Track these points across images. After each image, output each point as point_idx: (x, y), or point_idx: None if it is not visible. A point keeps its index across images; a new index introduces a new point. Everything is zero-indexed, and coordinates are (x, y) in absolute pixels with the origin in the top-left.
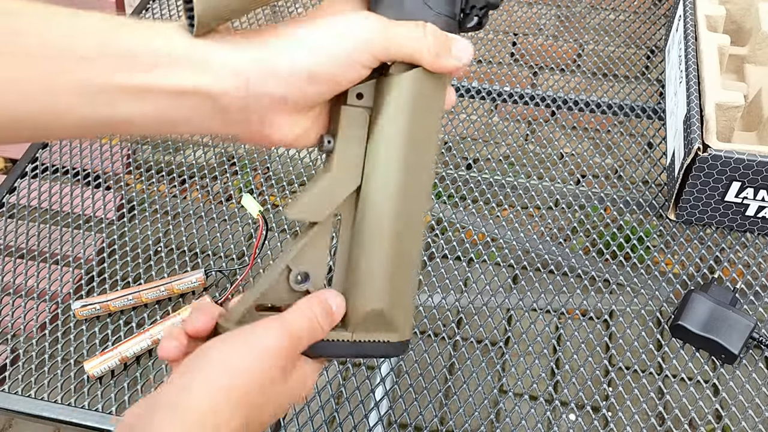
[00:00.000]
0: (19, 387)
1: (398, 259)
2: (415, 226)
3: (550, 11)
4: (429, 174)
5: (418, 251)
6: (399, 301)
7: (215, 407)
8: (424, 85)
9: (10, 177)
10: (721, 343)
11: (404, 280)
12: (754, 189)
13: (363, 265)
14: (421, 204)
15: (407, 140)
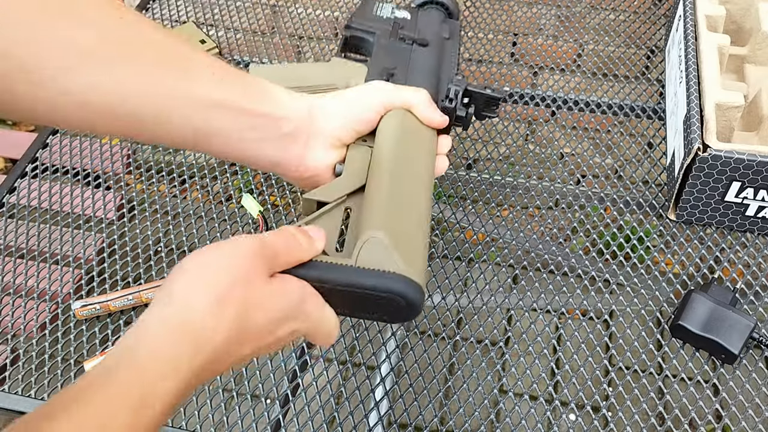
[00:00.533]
0: (19, 387)
1: (395, 202)
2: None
3: (550, 11)
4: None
5: (420, 211)
6: (401, 236)
7: (192, 313)
8: (411, 119)
9: (10, 177)
10: (721, 343)
11: (406, 225)
12: (754, 189)
13: (365, 211)
14: (415, 186)
15: (394, 147)
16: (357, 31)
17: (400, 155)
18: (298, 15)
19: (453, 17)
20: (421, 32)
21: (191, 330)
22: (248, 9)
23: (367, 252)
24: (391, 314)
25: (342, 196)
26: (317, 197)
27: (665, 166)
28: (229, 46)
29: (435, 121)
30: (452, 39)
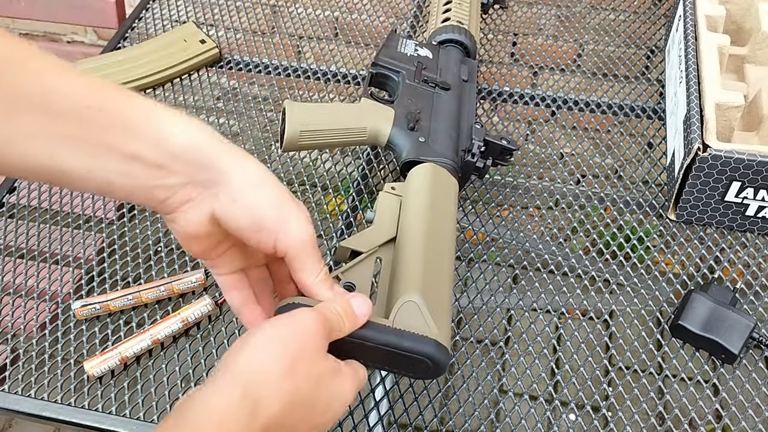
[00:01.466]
0: (19, 387)
1: (428, 266)
2: (441, 252)
3: (550, 11)
4: (449, 237)
5: (447, 273)
6: (432, 302)
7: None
8: (440, 172)
9: (9, 177)
10: (721, 343)
11: (437, 288)
12: (754, 189)
13: (400, 271)
14: (443, 247)
15: (428, 206)
16: (384, 69)
17: (432, 213)
18: (298, 15)
19: (471, 55)
20: (443, 73)
21: (251, 402)
22: (248, 9)
23: (403, 315)
24: (417, 371)
25: (375, 246)
26: (352, 246)
27: (665, 166)
28: (229, 46)
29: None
30: (470, 81)
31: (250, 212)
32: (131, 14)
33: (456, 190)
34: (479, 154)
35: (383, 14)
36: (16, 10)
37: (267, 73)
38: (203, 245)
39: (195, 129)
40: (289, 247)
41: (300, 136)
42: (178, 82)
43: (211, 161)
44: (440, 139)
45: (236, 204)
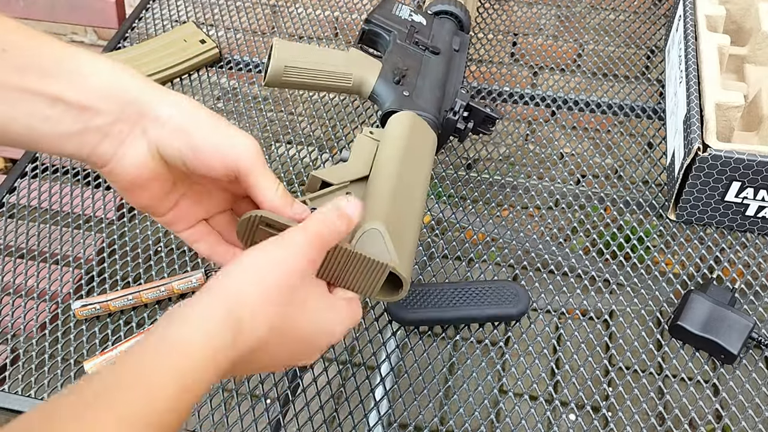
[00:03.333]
0: (19, 387)
1: (396, 203)
2: (411, 195)
3: (550, 11)
4: (420, 183)
5: (415, 216)
6: (396, 236)
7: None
8: (420, 122)
9: (10, 177)
10: (720, 343)
11: (403, 225)
12: (754, 189)
13: (368, 204)
14: (413, 191)
15: (403, 149)
16: (376, 26)
17: (407, 156)
18: (298, 15)
19: (465, 30)
20: (434, 39)
21: (235, 320)
22: (248, 9)
23: (365, 242)
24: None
25: (346, 181)
26: (324, 177)
27: (665, 166)
28: (229, 46)
29: (265, 192)
30: (461, 51)
31: (186, 135)
32: (131, 14)
33: (433, 145)
34: (461, 115)
35: None
36: (15, 10)
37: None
38: (151, 193)
39: (119, 68)
40: (239, 161)
41: (284, 72)
42: (178, 82)
43: (138, 95)
44: (424, 95)
45: (168, 129)
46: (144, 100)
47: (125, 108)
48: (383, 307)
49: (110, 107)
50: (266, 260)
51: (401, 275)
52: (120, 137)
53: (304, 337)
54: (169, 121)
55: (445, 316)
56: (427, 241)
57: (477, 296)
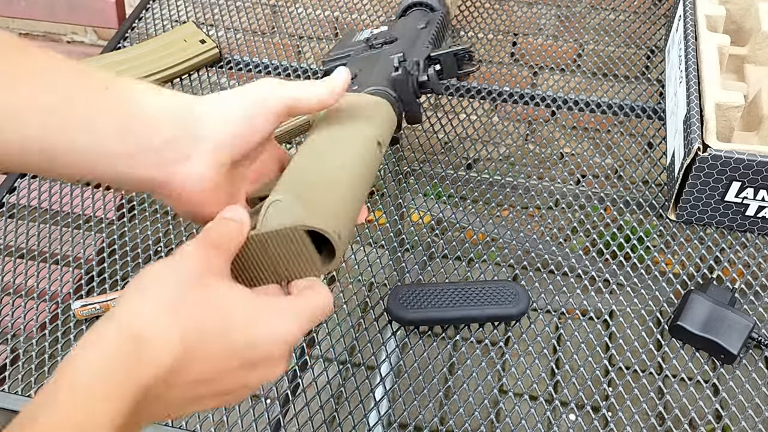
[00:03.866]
0: (18, 387)
1: (311, 168)
2: (330, 156)
3: (550, 11)
4: (352, 144)
5: (341, 171)
6: (310, 196)
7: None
8: (353, 96)
9: (10, 177)
10: (720, 343)
11: (321, 183)
12: (754, 189)
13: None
14: (337, 150)
15: (324, 119)
16: (332, 62)
17: (323, 127)
18: (298, 15)
19: (435, 11)
20: (395, 33)
21: (136, 343)
22: (248, 9)
23: (273, 217)
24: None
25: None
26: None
27: (665, 166)
28: (229, 46)
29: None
30: (428, 26)
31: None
32: (131, 14)
33: (375, 106)
34: (420, 70)
35: (383, 14)
36: (16, 10)
37: (267, 73)
38: (217, 202)
39: (168, 93)
40: (273, 102)
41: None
42: (178, 82)
43: (191, 105)
44: (372, 77)
45: (218, 128)
46: (196, 113)
47: (181, 124)
48: (383, 307)
49: (168, 125)
50: (158, 273)
51: (321, 229)
52: (183, 155)
53: (241, 348)
54: (224, 115)
55: (445, 316)
56: (427, 241)
57: (477, 296)
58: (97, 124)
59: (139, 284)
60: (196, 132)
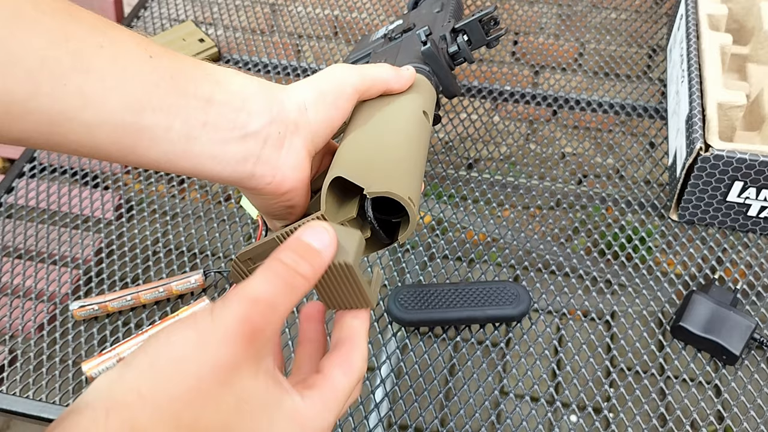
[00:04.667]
0: (17, 388)
1: (366, 141)
2: (382, 128)
3: (551, 10)
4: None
5: (398, 139)
6: (372, 164)
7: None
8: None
9: (7, 177)
10: (722, 344)
11: (379, 154)
12: (756, 189)
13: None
14: (389, 123)
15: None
16: (354, 62)
17: (369, 107)
18: (297, 14)
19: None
20: (412, 22)
21: (121, 424)
22: (247, 8)
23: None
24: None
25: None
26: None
27: (667, 166)
28: (228, 45)
29: (407, 82)
30: (444, 8)
31: (319, 108)
32: (130, 13)
33: (416, 80)
34: (447, 43)
35: (383, 12)
36: None
37: (266, 72)
38: (305, 191)
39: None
40: (352, 82)
41: None
42: None
43: (276, 91)
44: (399, 59)
45: (311, 114)
46: (282, 97)
47: (272, 106)
48: (383, 308)
49: (260, 108)
50: (169, 356)
51: (391, 193)
52: (280, 140)
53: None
54: (312, 99)
55: (446, 317)
56: (427, 241)
57: (478, 297)
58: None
59: (153, 366)
60: (287, 117)
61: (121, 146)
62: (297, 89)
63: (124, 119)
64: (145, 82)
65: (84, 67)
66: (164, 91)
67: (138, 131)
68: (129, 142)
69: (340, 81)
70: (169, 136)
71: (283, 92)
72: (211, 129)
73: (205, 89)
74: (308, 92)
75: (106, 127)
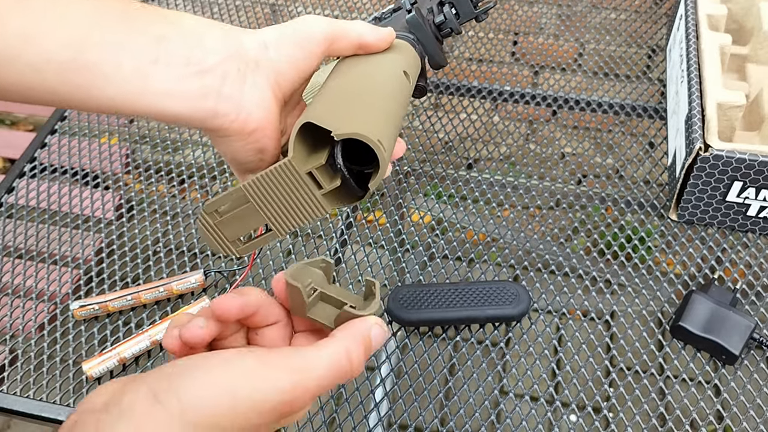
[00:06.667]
0: (17, 387)
1: (336, 89)
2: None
3: (550, 10)
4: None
5: (370, 84)
6: (340, 106)
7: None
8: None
9: (8, 177)
10: (722, 344)
11: (350, 99)
12: (755, 189)
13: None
14: (365, 74)
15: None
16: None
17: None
18: (298, 14)
19: None
20: (400, 3)
21: None
22: (247, 8)
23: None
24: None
25: None
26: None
27: (666, 166)
28: None
29: (385, 38)
30: None
31: (282, 50)
32: None
33: (399, 44)
34: (434, 15)
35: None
36: None
37: None
38: (275, 135)
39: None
40: (319, 32)
41: None
42: None
43: (230, 29)
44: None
45: (274, 54)
46: (241, 37)
47: (229, 43)
48: (383, 308)
49: (216, 45)
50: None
51: (358, 134)
52: (240, 76)
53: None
54: (276, 39)
55: (446, 316)
56: (427, 241)
57: (478, 297)
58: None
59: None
60: (247, 55)
61: (72, 86)
62: (259, 31)
63: (68, 56)
64: (88, 20)
65: (23, 7)
66: (109, 29)
67: (85, 68)
68: (79, 80)
69: (307, 25)
70: (121, 74)
71: (243, 33)
72: (163, 65)
73: (156, 27)
74: (270, 33)
75: (52, 65)
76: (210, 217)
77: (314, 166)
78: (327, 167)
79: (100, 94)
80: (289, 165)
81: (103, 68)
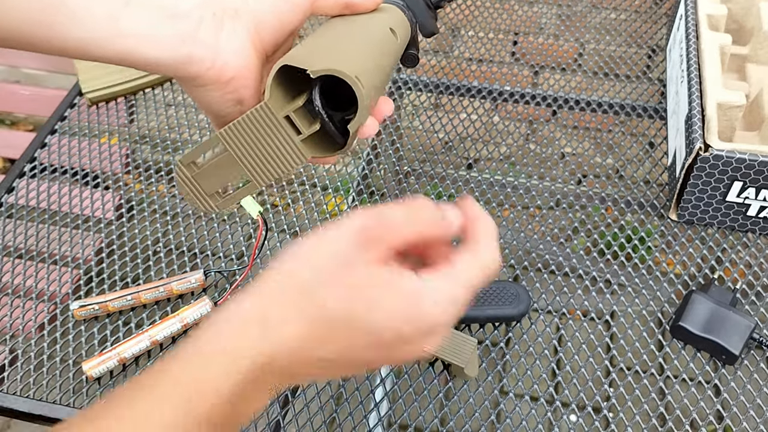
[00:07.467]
0: (17, 387)
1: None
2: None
3: (550, 10)
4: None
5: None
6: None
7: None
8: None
9: (8, 177)
10: (722, 344)
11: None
12: (755, 189)
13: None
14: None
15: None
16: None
17: (332, 25)
18: None
19: None
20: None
21: (261, 320)
22: None
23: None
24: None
25: None
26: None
27: (666, 166)
28: None
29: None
30: None
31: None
32: None
33: (387, 7)
34: None
35: None
36: None
37: None
38: (255, 84)
39: None
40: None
41: None
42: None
43: None
44: None
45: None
46: None
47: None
48: None
49: None
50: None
51: (332, 69)
52: (216, 22)
53: (363, 335)
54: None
55: None
56: None
57: (477, 297)
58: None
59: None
60: (224, 1)
61: (40, 26)
62: None
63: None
64: None
65: None
66: None
67: (52, 7)
68: (49, 19)
69: None
70: (91, 15)
71: None
72: (135, 8)
73: None
74: None
75: (20, 5)
76: (187, 169)
77: (292, 109)
78: (306, 112)
79: (68, 35)
80: (266, 108)
81: (72, 8)
